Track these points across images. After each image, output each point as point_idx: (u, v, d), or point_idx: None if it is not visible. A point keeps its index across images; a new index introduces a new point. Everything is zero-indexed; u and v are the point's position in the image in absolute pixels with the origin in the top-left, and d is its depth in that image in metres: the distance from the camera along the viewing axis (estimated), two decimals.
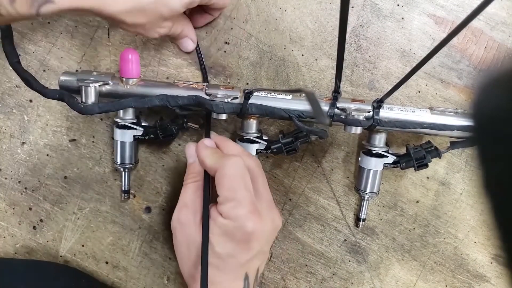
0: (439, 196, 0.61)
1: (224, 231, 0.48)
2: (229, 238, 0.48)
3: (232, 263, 0.49)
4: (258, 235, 0.48)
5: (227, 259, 0.48)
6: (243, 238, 0.48)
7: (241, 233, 0.48)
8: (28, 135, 0.64)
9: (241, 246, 0.48)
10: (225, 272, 0.49)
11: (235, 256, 0.48)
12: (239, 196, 0.48)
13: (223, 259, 0.48)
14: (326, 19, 0.59)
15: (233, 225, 0.48)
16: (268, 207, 0.52)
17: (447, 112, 0.53)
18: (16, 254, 0.67)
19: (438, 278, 0.63)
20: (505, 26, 0.57)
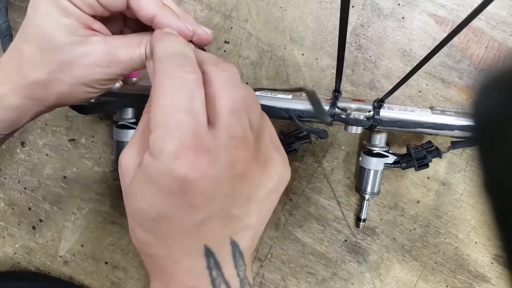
0: (439, 196, 0.61)
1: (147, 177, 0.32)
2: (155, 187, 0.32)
3: (172, 229, 0.33)
4: (203, 186, 0.31)
5: (162, 222, 0.33)
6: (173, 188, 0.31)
7: (167, 180, 0.31)
8: (28, 135, 0.64)
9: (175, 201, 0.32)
10: (165, 242, 0.34)
11: (171, 218, 0.32)
12: (171, 120, 0.31)
13: (155, 221, 0.33)
14: (327, 18, 0.59)
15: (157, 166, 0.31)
16: None
17: (447, 111, 0.53)
18: (15, 254, 0.67)
19: (439, 279, 0.63)
20: (506, 25, 0.57)
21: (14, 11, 0.60)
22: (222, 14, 0.59)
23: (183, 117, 0.31)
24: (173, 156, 0.31)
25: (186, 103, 0.32)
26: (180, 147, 0.31)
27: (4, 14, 0.57)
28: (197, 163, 0.31)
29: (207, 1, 0.59)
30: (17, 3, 0.60)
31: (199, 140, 0.31)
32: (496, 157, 0.20)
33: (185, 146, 0.31)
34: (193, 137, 0.31)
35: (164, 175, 0.31)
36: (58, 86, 0.41)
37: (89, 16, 0.41)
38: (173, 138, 0.31)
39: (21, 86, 0.41)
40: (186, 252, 0.34)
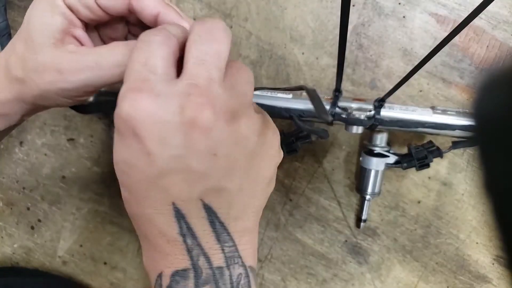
0: (440, 197, 0.61)
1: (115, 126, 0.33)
2: (117, 134, 0.33)
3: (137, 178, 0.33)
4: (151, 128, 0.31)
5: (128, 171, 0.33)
6: (124, 130, 0.32)
7: (118, 122, 0.32)
8: (26, 134, 0.64)
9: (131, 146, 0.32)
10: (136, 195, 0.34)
11: (134, 165, 0.32)
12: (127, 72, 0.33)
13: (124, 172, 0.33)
14: (327, 17, 0.58)
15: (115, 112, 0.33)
16: None
17: (449, 111, 0.53)
18: (14, 254, 0.67)
19: (440, 279, 0.63)
20: (507, 25, 0.57)
21: (12, 10, 0.60)
22: (222, 13, 0.59)
23: (137, 67, 0.32)
24: (121, 97, 0.32)
25: (143, 58, 0.32)
26: (127, 89, 0.32)
27: (3, 12, 0.57)
28: (142, 103, 0.31)
29: (206, 0, 0.59)
30: (15, 1, 0.60)
31: (148, 85, 0.32)
32: (498, 157, 0.20)
33: (132, 88, 0.32)
34: (141, 83, 0.32)
35: (116, 117, 0.32)
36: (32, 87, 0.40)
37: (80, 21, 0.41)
38: (125, 84, 0.32)
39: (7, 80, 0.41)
40: (156, 208, 0.33)
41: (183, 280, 0.34)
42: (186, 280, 0.34)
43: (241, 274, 0.35)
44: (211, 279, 0.34)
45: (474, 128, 0.21)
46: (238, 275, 0.35)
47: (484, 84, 0.21)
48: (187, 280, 0.34)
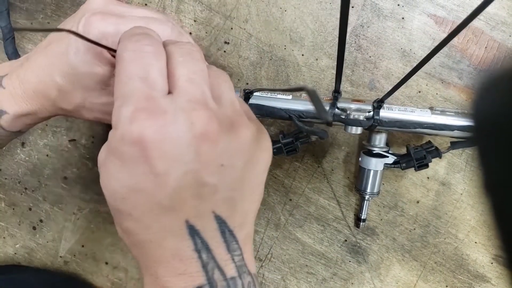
0: (439, 196, 0.61)
1: (111, 151, 0.32)
2: (119, 159, 0.31)
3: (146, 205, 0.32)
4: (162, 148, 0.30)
5: (134, 198, 0.32)
6: (133, 154, 0.31)
7: (127, 146, 0.31)
8: (28, 135, 0.64)
9: (139, 170, 0.31)
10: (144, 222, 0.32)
11: (141, 190, 0.31)
12: (127, 89, 0.32)
13: (128, 199, 0.32)
14: (327, 19, 0.59)
15: (117, 135, 0.31)
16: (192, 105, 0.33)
17: (447, 112, 0.53)
18: (16, 254, 0.67)
19: (439, 279, 0.63)
20: (505, 26, 0.57)
21: (14, 12, 0.60)
22: (222, 14, 0.59)
23: (138, 84, 0.32)
24: (128, 120, 0.30)
25: (141, 72, 0.32)
26: (135, 110, 0.31)
27: (6, 17, 0.57)
28: (153, 123, 0.30)
29: (207, 2, 0.59)
30: (17, 3, 0.60)
31: (155, 103, 0.31)
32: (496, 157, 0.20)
33: (139, 109, 0.31)
34: (147, 101, 0.31)
35: (123, 142, 0.31)
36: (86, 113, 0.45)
37: None
38: (128, 104, 0.31)
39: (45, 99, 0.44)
40: (168, 231, 0.32)
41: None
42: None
43: (250, 282, 0.35)
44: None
45: (472, 129, 0.21)
46: (248, 284, 0.35)
47: (483, 84, 0.21)
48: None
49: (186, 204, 0.32)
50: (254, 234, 0.64)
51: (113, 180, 0.32)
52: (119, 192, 0.32)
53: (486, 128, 0.21)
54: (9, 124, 0.44)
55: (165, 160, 0.31)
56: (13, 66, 0.45)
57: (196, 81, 0.34)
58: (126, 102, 0.31)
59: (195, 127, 0.31)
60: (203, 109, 0.32)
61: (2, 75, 0.44)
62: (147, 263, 0.35)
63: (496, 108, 0.20)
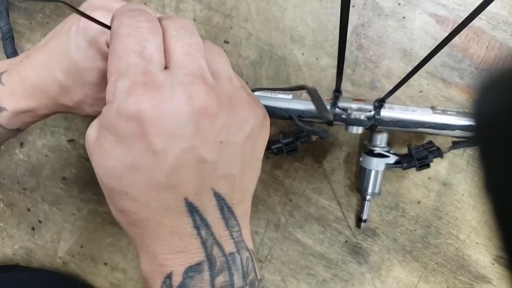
0: (440, 197, 0.61)
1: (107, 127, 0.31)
2: (115, 136, 0.31)
3: (144, 183, 0.31)
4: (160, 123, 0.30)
5: (131, 176, 0.31)
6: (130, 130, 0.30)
7: (123, 121, 0.30)
8: (26, 135, 0.64)
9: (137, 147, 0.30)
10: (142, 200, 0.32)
11: (139, 168, 0.30)
12: (122, 63, 0.31)
13: (125, 177, 0.31)
14: (327, 18, 0.58)
15: (112, 110, 0.30)
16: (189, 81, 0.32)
17: (449, 111, 0.53)
18: (15, 255, 0.67)
19: (440, 279, 0.63)
20: (507, 25, 0.57)
21: (13, 12, 0.60)
22: (221, 13, 0.59)
23: (134, 59, 0.31)
24: (125, 94, 0.30)
25: (137, 47, 0.31)
26: (131, 85, 0.30)
27: (5, 16, 0.57)
28: (150, 97, 0.30)
29: (206, 1, 0.59)
30: (16, 3, 0.60)
31: (152, 77, 0.31)
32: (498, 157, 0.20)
33: (136, 83, 0.30)
34: (144, 75, 0.30)
35: (119, 117, 0.30)
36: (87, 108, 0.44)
37: None
38: (125, 79, 0.30)
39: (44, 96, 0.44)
40: (167, 208, 0.32)
41: (198, 274, 0.32)
42: (201, 273, 0.33)
43: (248, 257, 0.35)
44: (224, 267, 0.33)
45: (474, 128, 0.21)
46: (246, 259, 0.35)
47: (484, 84, 0.21)
48: (202, 273, 0.33)
49: (185, 182, 0.31)
50: (254, 235, 0.64)
51: (108, 157, 0.31)
52: (115, 170, 0.31)
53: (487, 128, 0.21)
54: (7, 121, 0.44)
55: (163, 137, 0.30)
56: (12, 63, 0.45)
57: (192, 53, 0.33)
58: (122, 76, 0.31)
59: (193, 101, 0.31)
60: (201, 83, 0.32)
61: (1, 71, 0.44)
62: (144, 242, 0.34)
63: (497, 108, 0.20)
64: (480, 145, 0.21)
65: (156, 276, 0.33)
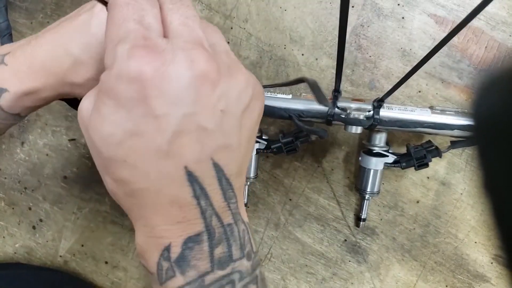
0: (439, 196, 0.61)
1: (106, 93, 0.30)
2: (115, 100, 0.30)
3: (144, 149, 0.30)
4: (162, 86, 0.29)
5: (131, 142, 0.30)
6: (131, 93, 0.29)
7: (124, 83, 0.29)
8: (28, 134, 0.64)
9: (138, 111, 0.29)
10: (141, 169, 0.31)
11: (140, 134, 0.30)
12: (122, 30, 0.31)
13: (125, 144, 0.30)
14: (327, 18, 0.59)
15: (112, 74, 0.30)
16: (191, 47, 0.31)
17: (447, 111, 0.53)
18: (16, 253, 0.67)
19: (439, 278, 0.63)
20: (505, 25, 0.57)
21: (14, 11, 0.60)
22: (222, 14, 0.59)
23: (133, 25, 0.31)
24: (126, 56, 0.29)
25: (136, 15, 0.31)
26: (132, 48, 0.29)
27: (4, 13, 0.57)
28: (151, 59, 0.29)
29: (207, 1, 0.59)
30: (17, 3, 0.60)
31: (152, 42, 0.30)
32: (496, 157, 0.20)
33: (137, 46, 0.29)
34: (144, 40, 0.30)
35: (120, 80, 0.29)
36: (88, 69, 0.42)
37: None
38: (125, 43, 0.30)
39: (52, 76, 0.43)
40: (167, 177, 0.31)
41: (197, 244, 0.32)
42: (200, 244, 0.32)
43: (244, 229, 0.35)
44: (223, 237, 0.33)
45: (472, 128, 0.21)
46: (243, 231, 0.35)
47: (483, 84, 0.21)
48: (201, 243, 0.32)
49: (186, 149, 0.31)
50: (254, 233, 0.64)
51: (107, 124, 0.30)
52: (114, 137, 0.30)
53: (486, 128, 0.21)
54: (9, 104, 0.43)
55: (165, 101, 0.29)
56: (15, 46, 0.44)
57: (189, 24, 0.33)
58: (122, 41, 0.30)
59: (194, 66, 0.30)
60: (202, 50, 0.31)
61: (3, 53, 0.44)
62: (142, 214, 0.33)
63: (496, 108, 0.20)
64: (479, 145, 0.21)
65: (153, 249, 0.33)
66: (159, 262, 0.33)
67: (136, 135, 0.30)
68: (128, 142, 0.30)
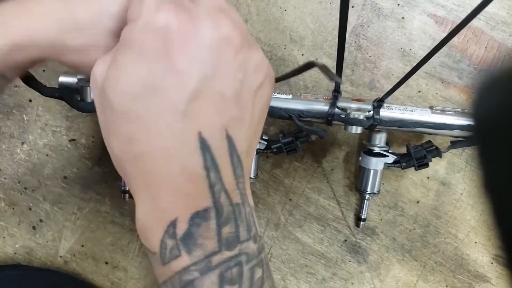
0: (439, 196, 0.61)
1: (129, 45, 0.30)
2: (137, 52, 0.29)
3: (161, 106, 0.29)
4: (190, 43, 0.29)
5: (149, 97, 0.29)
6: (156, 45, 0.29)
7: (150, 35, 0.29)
8: (28, 135, 0.64)
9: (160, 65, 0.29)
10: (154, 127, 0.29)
11: (159, 88, 0.29)
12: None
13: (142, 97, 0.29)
14: (326, 18, 0.59)
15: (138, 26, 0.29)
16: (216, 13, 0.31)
17: (447, 111, 0.53)
18: (16, 254, 0.67)
19: (439, 278, 0.63)
20: (505, 25, 0.57)
21: None
22: None
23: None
24: (154, 8, 0.29)
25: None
26: (160, 2, 0.29)
27: None
28: (179, 14, 0.29)
29: None
30: None
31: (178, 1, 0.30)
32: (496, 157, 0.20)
33: (165, 1, 0.29)
34: None
35: (146, 30, 0.29)
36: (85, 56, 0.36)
37: None
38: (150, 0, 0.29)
39: None
40: (180, 140, 0.29)
41: (204, 221, 0.30)
42: (207, 220, 0.30)
43: (249, 212, 0.33)
44: (231, 217, 0.31)
45: (473, 128, 0.21)
46: (249, 213, 0.33)
47: (483, 84, 0.21)
48: (208, 220, 0.30)
49: (202, 113, 0.30)
50: None
51: (126, 75, 0.29)
52: (132, 89, 0.29)
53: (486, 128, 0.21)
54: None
55: (188, 58, 0.29)
56: None
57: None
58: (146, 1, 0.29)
59: (220, 29, 0.30)
60: (228, 17, 0.31)
61: None
62: (147, 181, 0.31)
63: (496, 108, 0.20)
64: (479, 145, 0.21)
65: (157, 225, 0.31)
66: (163, 239, 0.30)
67: (155, 90, 0.29)
68: (145, 97, 0.29)
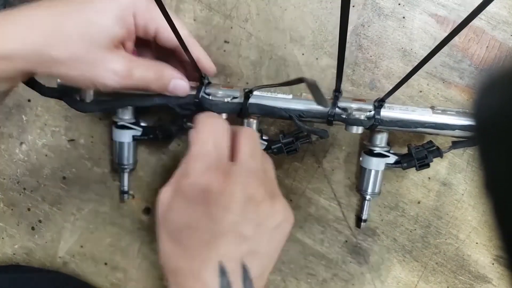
0: (440, 197, 0.61)
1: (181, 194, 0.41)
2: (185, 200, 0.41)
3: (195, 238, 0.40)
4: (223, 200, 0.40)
5: (188, 231, 0.40)
6: (198, 198, 0.40)
7: (195, 191, 0.41)
8: (27, 135, 0.64)
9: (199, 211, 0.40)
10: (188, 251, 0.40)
11: (196, 227, 0.40)
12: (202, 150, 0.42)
13: (183, 231, 0.41)
14: (327, 18, 0.58)
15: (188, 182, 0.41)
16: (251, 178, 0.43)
17: (448, 111, 0.53)
18: (15, 255, 0.67)
19: (440, 279, 0.63)
20: (506, 25, 0.57)
21: None
22: (222, 14, 0.59)
23: (211, 148, 0.42)
24: (201, 173, 0.41)
25: (214, 140, 0.43)
26: (207, 168, 0.41)
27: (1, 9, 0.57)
28: (218, 180, 0.40)
29: (206, 1, 0.59)
30: (16, 3, 0.60)
31: (222, 165, 0.42)
32: (498, 157, 0.20)
33: (211, 167, 0.41)
34: (216, 163, 0.42)
35: (192, 188, 0.40)
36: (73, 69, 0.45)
37: None
38: (202, 162, 0.41)
39: None
40: (205, 265, 0.39)
41: None
42: None
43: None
44: None
45: (474, 128, 0.21)
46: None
47: (484, 84, 0.21)
48: None
49: (225, 247, 0.40)
50: None
51: (175, 214, 0.41)
52: (178, 224, 0.41)
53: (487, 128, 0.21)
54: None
55: (220, 207, 0.39)
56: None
57: (255, 158, 0.44)
58: (200, 159, 0.42)
59: (247, 189, 0.41)
60: (256, 179, 0.42)
61: None
62: None
63: (497, 108, 0.20)
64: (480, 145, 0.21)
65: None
66: None
67: (193, 228, 0.40)
68: (186, 231, 0.40)
